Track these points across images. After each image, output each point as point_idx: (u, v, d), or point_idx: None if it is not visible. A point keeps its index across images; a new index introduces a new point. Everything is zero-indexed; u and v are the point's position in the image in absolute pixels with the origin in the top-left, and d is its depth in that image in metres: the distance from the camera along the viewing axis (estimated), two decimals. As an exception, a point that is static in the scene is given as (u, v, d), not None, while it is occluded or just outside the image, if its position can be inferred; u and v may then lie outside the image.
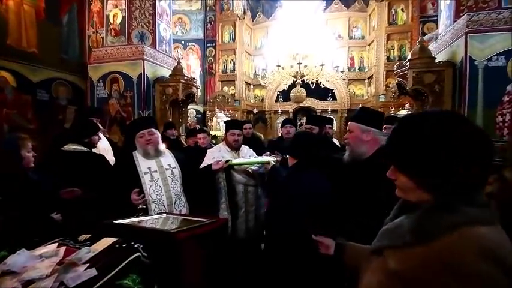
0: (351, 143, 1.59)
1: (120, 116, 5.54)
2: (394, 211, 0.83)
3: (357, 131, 1.58)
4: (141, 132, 2.18)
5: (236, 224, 2.53)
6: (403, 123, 0.75)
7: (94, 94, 5.71)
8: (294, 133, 2.25)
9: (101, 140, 2.67)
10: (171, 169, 2.24)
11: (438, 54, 4.90)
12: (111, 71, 5.60)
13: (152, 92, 5.63)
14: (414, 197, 0.74)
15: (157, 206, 2.10)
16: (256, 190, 2.65)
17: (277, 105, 9.84)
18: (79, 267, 0.92)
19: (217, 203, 2.52)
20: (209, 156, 2.64)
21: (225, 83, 9.91)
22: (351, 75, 9.34)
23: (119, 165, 2.30)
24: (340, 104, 9.35)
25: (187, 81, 5.77)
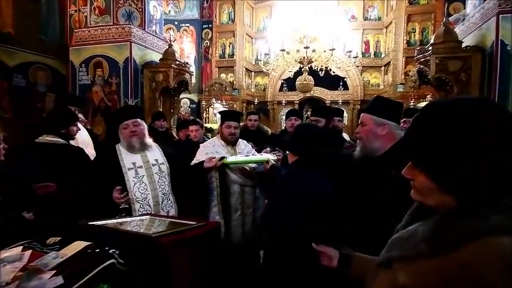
0: (363, 137, 1.56)
1: (104, 105, 5.52)
2: (407, 217, 0.80)
3: (370, 124, 1.55)
4: (125, 123, 2.17)
5: (231, 227, 2.52)
6: (426, 111, 0.72)
7: (76, 80, 5.70)
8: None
9: (80, 131, 2.66)
10: (158, 165, 2.23)
11: (465, 37, 4.82)
12: (94, 54, 5.57)
13: (140, 78, 5.60)
14: (433, 200, 0.70)
15: (142, 206, 2.09)
16: (254, 191, 2.63)
17: (281, 95, 9.82)
18: (44, 275, 0.91)
19: (209, 205, 2.51)
20: (201, 152, 2.62)
21: (222, 70, 9.87)
22: (366, 61, 9.28)
23: (99, 160, 2.28)
24: (352, 95, 9.32)
25: (180, 66, 5.73)
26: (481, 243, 0.61)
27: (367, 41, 9.32)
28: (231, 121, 2.64)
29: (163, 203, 2.17)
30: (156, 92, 5.58)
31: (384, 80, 9.21)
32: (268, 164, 2.36)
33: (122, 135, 2.18)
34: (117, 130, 2.20)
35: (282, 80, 9.81)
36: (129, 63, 5.44)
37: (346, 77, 9.35)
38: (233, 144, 2.68)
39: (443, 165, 0.67)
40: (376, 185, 1.40)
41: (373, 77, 9.44)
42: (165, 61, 5.65)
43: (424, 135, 0.69)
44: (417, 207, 0.78)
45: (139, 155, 2.20)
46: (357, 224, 1.35)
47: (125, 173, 2.11)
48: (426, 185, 0.70)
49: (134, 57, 5.49)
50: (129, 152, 2.18)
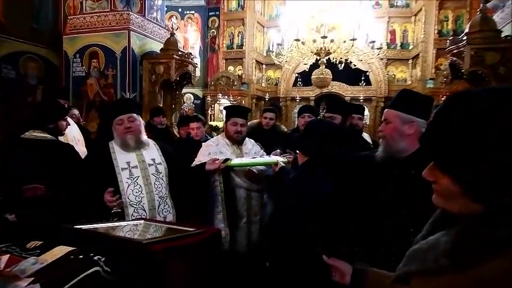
0: (387, 136, 1.54)
1: (99, 99, 5.61)
2: (428, 226, 0.79)
3: (396, 122, 1.52)
4: (119, 118, 2.17)
5: (236, 236, 2.52)
6: (449, 103, 0.69)
7: (69, 72, 5.81)
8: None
9: (70, 126, 2.69)
10: (155, 165, 2.23)
11: (505, 26, 4.69)
12: (90, 43, 5.67)
13: (139, 70, 5.67)
14: (457, 206, 0.68)
15: (136, 211, 2.09)
16: (262, 196, 2.62)
17: (295, 90, 9.78)
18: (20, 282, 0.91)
19: (212, 212, 2.50)
20: (204, 152, 2.62)
21: (230, 62, 9.90)
22: (391, 53, 9.18)
23: (90, 158, 2.29)
24: (375, 91, 9.23)
25: (183, 57, 5.77)
26: (510, 257, 0.60)
27: (393, 31, 9.21)
28: (237, 118, 2.63)
29: (160, 208, 2.16)
30: (156, 86, 5.63)
31: (412, 75, 9.09)
32: (277, 166, 2.34)
33: (116, 132, 2.19)
34: (111, 126, 2.21)
35: (296, 74, 9.77)
36: (127, 53, 5.51)
37: (368, 71, 9.26)
38: (239, 143, 2.67)
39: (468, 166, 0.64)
40: (406, 191, 1.37)
41: (399, 71, 9.33)
42: (167, 51, 5.69)
43: (446, 130, 0.67)
44: (440, 214, 0.76)
45: (135, 153, 2.20)
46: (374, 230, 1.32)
47: (118, 173, 2.11)
48: (449, 188, 0.68)
49: (133, 47, 5.55)
50: (123, 151, 2.18)
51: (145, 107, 5.42)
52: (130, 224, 1.78)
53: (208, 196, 2.49)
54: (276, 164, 2.36)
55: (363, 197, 1.51)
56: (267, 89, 10.10)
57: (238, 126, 2.61)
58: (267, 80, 10.45)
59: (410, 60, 9.10)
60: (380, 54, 8.13)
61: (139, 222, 1.83)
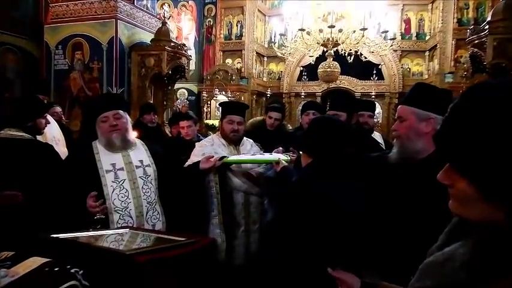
0: (402, 135, 1.52)
1: (83, 95, 5.62)
2: (444, 236, 0.78)
3: (411, 119, 1.50)
4: (103, 115, 2.17)
5: (233, 246, 2.52)
6: (467, 96, 0.68)
7: (51, 64, 5.82)
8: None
9: (49, 124, 2.68)
10: (143, 167, 2.23)
11: (532, 14, 4.67)
12: (73, 33, 5.68)
13: (127, 63, 5.67)
14: (477, 213, 0.67)
15: (122, 217, 2.09)
16: (262, 202, 2.62)
17: (299, 85, 9.79)
18: (-12, 297, 0.90)
19: (207, 217, 2.50)
20: (197, 152, 2.62)
21: (228, 54, 9.90)
22: (406, 44, 9.17)
23: (72, 159, 2.30)
24: (388, 86, 9.24)
25: (176, 49, 5.78)
26: None
27: (407, 20, 9.21)
28: (234, 115, 2.63)
29: (148, 215, 2.16)
30: (146, 80, 5.64)
31: (429, 68, 9.08)
32: (278, 165, 2.33)
33: (100, 130, 2.18)
34: (94, 123, 2.20)
35: (300, 67, 9.77)
36: (114, 44, 5.51)
37: (381, 64, 9.26)
38: (236, 143, 2.68)
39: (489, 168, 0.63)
40: (423, 196, 1.36)
41: (414, 64, 9.31)
42: (158, 42, 5.70)
43: (463, 127, 0.65)
44: (456, 223, 0.76)
45: (121, 154, 2.20)
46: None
47: (102, 176, 2.11)
48: (467, 193, 0.66)
49: (120, 38, 5.56)
50: (108, 151, 2.18)
51: (134, 103, 5.42)
52: (114, 233, 1.77)
53: (203, 199, 2.49)
54: (278, 162, 2.35)
55: (374, 203, 1.50)
56: (269, 84, 10.10)
57: (235, 125, 2.61)
58: (269, 74, 10.45)
59: (426, 52, 9.10)
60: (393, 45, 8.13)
61: (125, 231, 1.82)
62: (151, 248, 1.46)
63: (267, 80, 10.34)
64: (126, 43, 5.68)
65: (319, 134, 1.67)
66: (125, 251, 1.36)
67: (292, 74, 9.94)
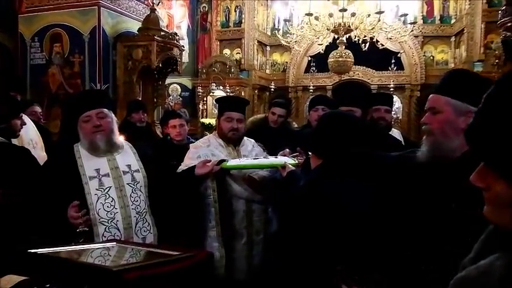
0: (436, 131, 1.47)
1: (63, 93, 5.65)
2: (478, 246, 0.79)
3: (448, 111, 1.45)
4: (86, 114, 2.19)
5: (233, 260, 2.53)
6: (503, 86, 0.68)
7: (27, 59, 5.86)
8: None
9: (25, 126, 2.70)
10: (131, 173, 2.25)
11: None
12: (51, 23, 5.71)
13: (112, 55, 5.70)
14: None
15: (108, 230, 2.10)
16: (266, 210, 2.63)
17: (307, 77, 9.80)
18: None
19: (203, 229, 2.52)
20: (192, 155, 2.64)
21: (226, 44, 9.93)
22: (428, 29, 9.18)
23: (51, 165, 2.31)
24: (409, 76, 9.23)
25: (167, 39, 5.80)
26: None
27: (430, 1, 9.22)
28: (233, 111, 2.64)
29: (138, 226, 2.17)
30: (134, 75, 5.67)
31: (455, 56, 9.08)
32: (284, 169, 2.33)
33: (82, 131, 2.20)
34: (76, 124, 2.22)
35: (308, 57, 9.79)
36: (96, 35, 5.54)
37: (400, 52, 9.26)
38: (236, 144, 2.69)
39: None
40: (459, 202, 1.35)
41: (438, 52, 9.32)
42: (146, 32, 5.73)
43: (500, 120, 0.65)
44: (492, 231, 0.75)
45: (106, 158, 2.21)
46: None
47: (85, 183, 2.13)
48: (506, 197, 0.66)
49: (104, 27, 5.59)
50: (91, 155, 2.20)
51: (121, 101, 5.45)
52: (100, 248, 1.79)
53: (199, 209, 2.50)
54: (284, 166, 2.35)
55: (398, 210, 1.49)
56: (273, 77, 10.11)
57: (234, 123, 2.62)
58: (272, 65, 10.47)
59: (452, 37, 9.09)
60: (414, 30, 8.12)
61: (111, 244, 1.83)
62: (141, 264, 1.47)
63: (270, 72, 10.35)
64: (111, 33, 5.71)
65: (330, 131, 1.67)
66: (112, 267, 1.36)
67: (298, 65, 9.95)
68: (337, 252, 1.57)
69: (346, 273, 1.29)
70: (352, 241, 1.56)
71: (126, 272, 1.31)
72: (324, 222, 1.59)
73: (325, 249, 1.59)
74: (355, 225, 1.56)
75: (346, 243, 1.57)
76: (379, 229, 1.53)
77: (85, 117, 2.17)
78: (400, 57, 9.31)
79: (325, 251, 1.59)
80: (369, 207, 1.56)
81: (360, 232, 1.56)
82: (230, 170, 2.47)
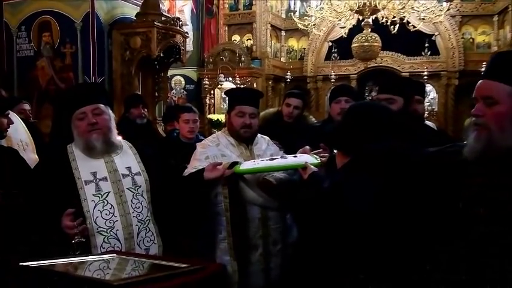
0: (492, 125, 1.44)
1: (54, 88, 5.70)
2: None
3: (506, 102, 1.43)
4: (80, 110, 2.21)
5: (248, 274, 2.52)
6: None
7: (13, 51, 5.93)
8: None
9: (13, 125, 2.72)
10: (131, 176, 2.27)
11: None
12: (38, 10, 5.75)
13: (107, 44, 5.74)
14: None
15: (107, 240, 2.12)
16: (284, 217, 2.63)
17: (328, 65, 9.77)
18: None
19: (213, 240, 2.53)
20: (200, 156, 2.64)
21: (235, 29, 9.96)
22: (467, 8, 9.15)
23: (42, 168, 2.32)
24: (445, 62, 9.19)
25: (168, 25, 5.82)
26: None
27: (468, -25, 9.12)
28: (245, 105, 2.63)
29: (140, 236, 2.19)
30: (132, 66, 5.70)
31: (498, 37, 9.01)
32: (306, 171, 2.32)
33: (76, 130, 2.23)
34: (69, 122, 2.25)
35: (329, 43, 9.76)
36: (90, 22, 5.58)
37: (434, 35, 9.22)
38: (248, 142, 2.69)
39: None
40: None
41: (479, 33, 9.30)
42: (145, 17, 5.75)
43: None
44: None
45: (103, 160, 2.24)
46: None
47: (80, 188, 2.15)
48: None
49: (98, 13, 5.63)
50: (87, 156, 2.22)
51: (118, 95, 5.49)
52: (98, 260, 1.81)
53: (208, 218, 2.50)
54: (305, 167, 2.33)
55: (443, 216, 1.49)
56: (289, 66, 10.11)
57: (247, 118, 2.61)
58: (288, 52, 10.47)
59: (495, 16, 9.02)
60: (451, 9, 8.03)
61: (111, 256, 1.85)
62: (144, 278, 1.48)
63: (285, 60, 10.35)
64: (105, 20, 5.75)
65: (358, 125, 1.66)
66: (113, 282, 1.38)
67: (318, 51, 9.93)
68: (362, 261, 1.56)
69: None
70: (378, 249, 1.56)
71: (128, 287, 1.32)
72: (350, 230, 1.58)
73: (349, 259, 1.58)
74: (385, 232, 1.55)
75: (372, 251, 1.56)
76: (409, 235, 1.53)
77: (79, 114, 2.20)
78: (434, 40, 9.27)
79: (349, 260, 1.58)
80: (404, 214, 1.56)
81: (388, 240, 1.55)
82: (243, 174, 2.47)
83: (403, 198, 1.58)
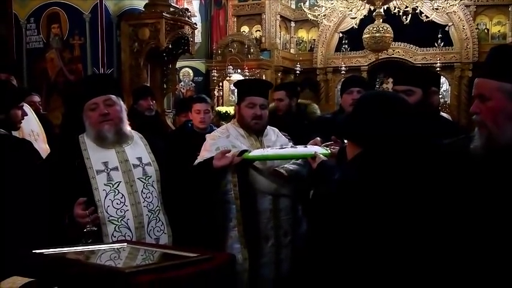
0: (487, 121, 1.47)
1: (63, 80, 5.73)
2: None
3: (498, 98, 1.44)
4: (92, 101, 2.23)
5: (260, 265, 2.54)
6: None
7: (22, 43, 5.97)
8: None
9: (26, 117, 2.74)
10: (142, 166, 2.29)
11: None
12: (47, 2, 5.76)
13: (116, 36, 5.75)
14: None
15: (118, 229, 2.15)
16: (295, 207, 2.64)
17: (338, 57, 9.71)
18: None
19: (224, 229, 2.55)
20: (210, 147, 2.66)
21: (244, 20, 9.92)
22: (482, -3, 9.00)
23: (54, 158, 2.36)
24: (459, 54, 9.10)
25: (177, 16, 5.82)
26: None
27: (483, -37, 9.00)
28: (255, 96, 2.64)
29: (150, 226, 2.22)
30: (141, 57, 5.71)
31: (514, 28, 8.85)
32: (314, 161, 2.33)
33: (88, 121, 2.25)
34: (81, 113, 2.27)
35: (340, 34, 9.68)
36: (98, 13, 5.60)
37: (448, 25, 9.12)
38: (258, 133, 2.70)
39: None
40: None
41: (494, 23, 9.17)
42: (153, 8, 5.75)
43: None
44: None
45: (114, 150, 2.26)
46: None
47: (91, 177, 2.18)
48: None
49: (106, 4, 5.64)
50: (98, 146, 2.25)
51: (126, 87, 5.48)
52: (109, 249, 1.83)
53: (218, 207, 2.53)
54: (314, 157, 2.35)
55: (456, 212, 1.48)
56: (298, 57, 10.06)
57: (257, 109, 2.62)
58: (298, 44, 10.41)
59: (511, 6, 8.85)
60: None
61: (122, 245, 1.87)
62: (155, 266, 1.48)
63: (295, 52, 10.29)
64: (114, 11, 5.76)
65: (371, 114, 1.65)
66: (124, 269, 1.38)
67: (328, 42, 9.86)
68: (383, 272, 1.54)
69: None
70: (400, 257, 1.54)
71: (138, 275, 1.32)
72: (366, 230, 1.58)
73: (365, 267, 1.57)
74: (406, 233, 1.54)
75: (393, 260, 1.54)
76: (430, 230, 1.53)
77: (91, 105, 2.22)
78: (448, 31, 9.16)
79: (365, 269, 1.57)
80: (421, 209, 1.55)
81: (411, 243, 1.53)
82: (252, 161, 2.49)
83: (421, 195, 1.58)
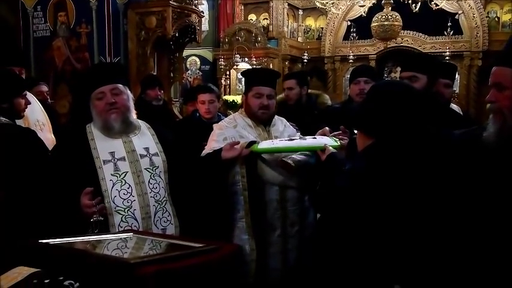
0: (505, 109, 1.48)
1: (70, 68, 5.74)
2: None
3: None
4: (99, 90, 2.23)
5: (267, 255, 2.55)
6: None
7: (29, 31, 5.98)
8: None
9: (30, 105, 2.74)
10: (149, 156, 2.29)
11: None
12: (54, -10, 5.77)
13: (123, 25, 5.74)
14: None
15: (125, 219, 2.15)
16: (302, 197, 2.63)
17: (346, 45, 9.67)
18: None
19: (232, 220, 2.55)
20: (217, 137, 2.66)
21: (251, 8, 9.87)
22: (493, -15, 8.90)
23: (60, 148, 2.36)
24: (468, 42, 9.05)
25: (183, 3, 5.80)
26: None
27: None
28: (262, 86, 2.62)
29: (157, 216, 2.22)
30: (148, 46, 5.70)
31: (525, 16, 8.74)
32: (324, 153, 2.31)
33: (95, 110, 2.25)
34: (87, 102, 2.27)
35: (348, 22, 9.62)
36: (105, 2, 5.59)
37: (458, 13, 9.02)
38: (266, 123, 2.69)
39: None
40: None
41: (505, 11, 9.06)
42: (161, -4, 5.72)
43: None
44: None
45: (121, 140, 2.26)
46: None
47: (98, 167, 2.18)
48: None
49: (113, -8, 5.62)
50: (105, 136, 2.25)
51: (133, 76, 5.49)
52: (116, 239, 1.83)
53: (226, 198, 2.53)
54: (324, 149, 2.33)
55: (468, 202, 1.49)
56: (306, 46, 10.02)
57: (265, 99, 2.60)
58: (306, 32, 10.36)
59: (522, -6, 8.73)
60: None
61: (128, 235, 1.88)
62: (161, 257, 1.49)
63: (302, 40, 10.25)
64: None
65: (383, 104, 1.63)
66: (130, 260, 1.38)
67: (336, 31, 9.82)
68: (395, 265, 1.54)
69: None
70: (412, 251, 1.53)
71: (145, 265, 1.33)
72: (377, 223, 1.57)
73: (377, 261, 1.56)
74: (418, 227, 1.53)
75: (406, 254, 1.53)
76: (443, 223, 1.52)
77: (98, 94, 2.22)
78: (458, 19, 9.06)
79: (377, 263, 1.56)
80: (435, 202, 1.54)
81: (423, 238, 1.53)
82: (261, 153, 2.47)
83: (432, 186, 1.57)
